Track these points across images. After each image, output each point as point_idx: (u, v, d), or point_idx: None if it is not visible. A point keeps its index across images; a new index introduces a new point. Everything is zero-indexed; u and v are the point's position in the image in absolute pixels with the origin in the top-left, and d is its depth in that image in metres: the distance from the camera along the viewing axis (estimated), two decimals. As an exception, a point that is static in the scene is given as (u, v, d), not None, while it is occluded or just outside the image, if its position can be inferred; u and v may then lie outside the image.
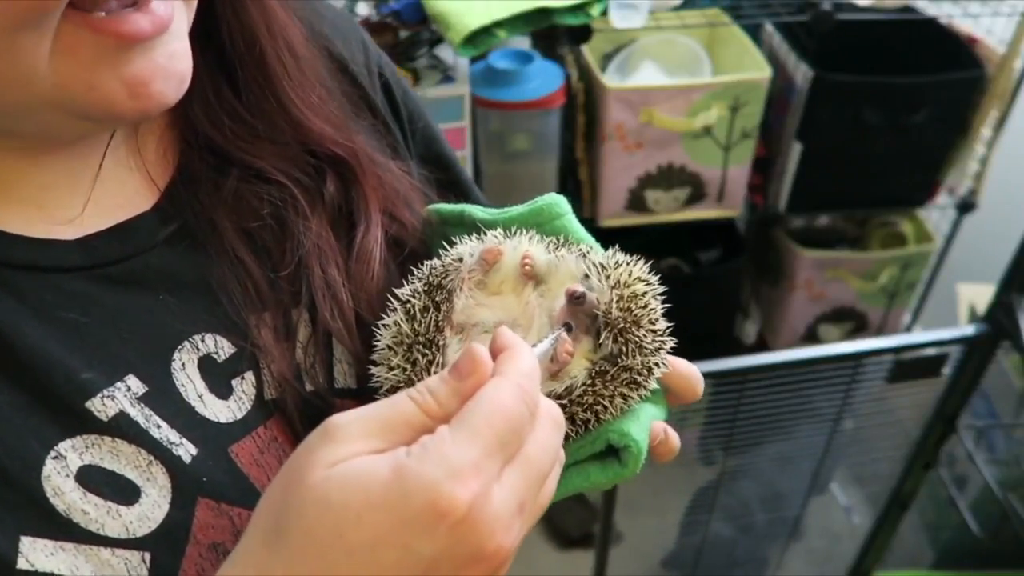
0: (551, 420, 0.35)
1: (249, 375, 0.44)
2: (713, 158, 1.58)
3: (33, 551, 0.35)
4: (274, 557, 0.31)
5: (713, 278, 1.78)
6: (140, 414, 0.39)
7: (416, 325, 0.41)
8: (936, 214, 1.81)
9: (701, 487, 1.51)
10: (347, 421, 0.32)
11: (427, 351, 0.41)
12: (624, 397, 0.41)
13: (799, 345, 1.92)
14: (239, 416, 0.43)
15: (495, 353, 0.35)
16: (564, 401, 0.40)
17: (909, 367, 1.18)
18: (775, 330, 1.94)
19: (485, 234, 0.44)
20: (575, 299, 0.41)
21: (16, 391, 0.37)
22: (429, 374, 0.40)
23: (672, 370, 0.44)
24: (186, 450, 0.40)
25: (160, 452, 0.40)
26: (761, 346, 1.99)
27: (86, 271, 0.40)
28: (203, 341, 0.43)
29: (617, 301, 0.40)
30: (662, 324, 0.42)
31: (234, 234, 0.45)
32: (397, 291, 0.43)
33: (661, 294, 0.43)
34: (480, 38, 1.34)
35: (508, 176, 1.59)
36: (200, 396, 0.42)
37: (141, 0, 0.35)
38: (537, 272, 0.42)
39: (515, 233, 0.44)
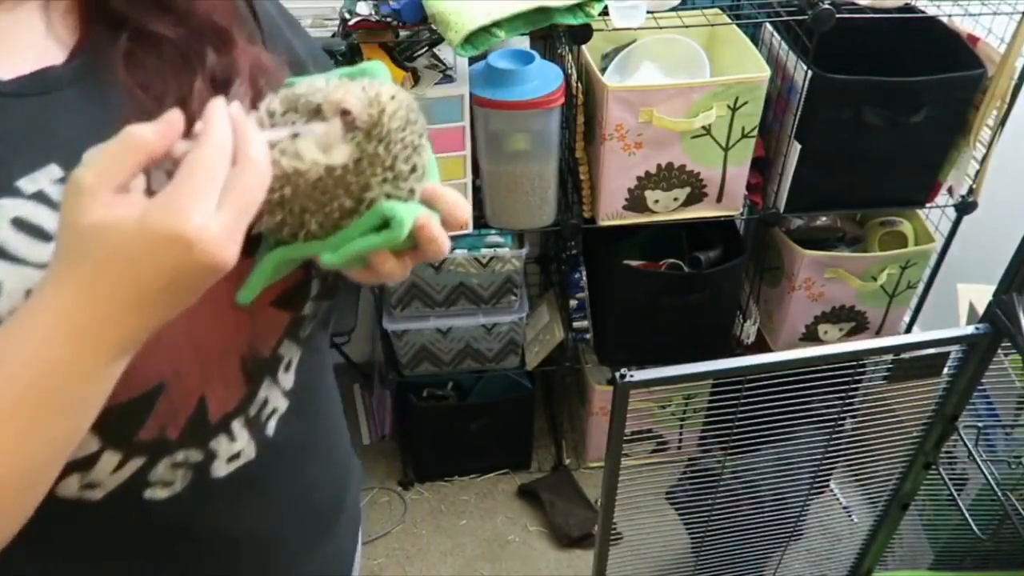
0: (254, 168, 0.47)
1: None
2: (713, 158, 1.58)
3: None
4: (69, 278, 0.44)
5: (713, 278, 1.78)
6: (56, 191, 0.52)
7: (274, 120, 0.53)
8: (936, 214, 1.81)
9: (688, 484, 1.51)
10: (83, 172, 0.44)
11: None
12: (384, 182, 0.53)
13: (799, 345, 1.92)
14: None
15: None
16: (339, 172, 0.52)
17: (909, 367, 1.17)
18: (775, 330, 1.94)
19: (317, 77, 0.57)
20: (343, 112, 0.53)
21: None
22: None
23: (436, 192, 0.56)
24: None
25: None
26: (761, 346, 1.99)
27: (19, 97, 0.52)
28: None
29: (365, 108, 0.53)
30: (402, 123, 0.54)
31: (131, 81, 0.56)
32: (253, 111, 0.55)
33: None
34: (479, 38, 1.34)
35: (508, 176, 1.59)
36: None
37: None
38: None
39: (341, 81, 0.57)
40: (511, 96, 1.46)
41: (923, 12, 1.59)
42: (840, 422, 1.25)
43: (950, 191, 1.73)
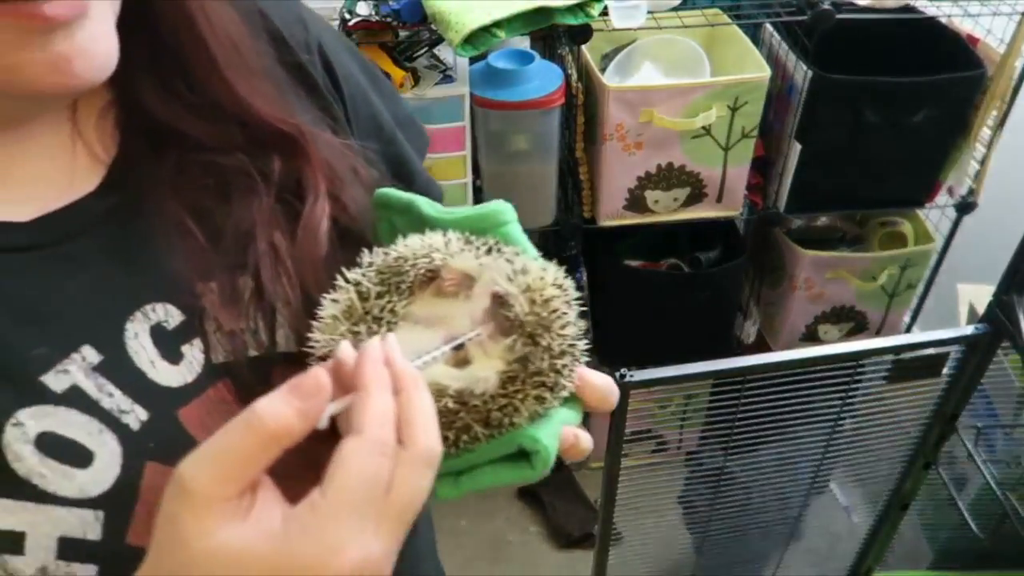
0: (422, 461, 0.36)
1: (197, 341, 0.46)
2: (713, 158, 1.58)
3: None
4: None
5: (713, 278, 1.78)
6: (93, 385, 0.42)
7: (369, 305, 0.43)
8: (936, 214, 1.81)
9: (699, 487, 1.51)
10: (196, 473, 0.34)
11: (375, 326, 0.43)
12: (537, 399, 0.42)
13: (799, 345, 1.92)
14: (189, 380, 0.45)
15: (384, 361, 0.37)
16: (477, 402, 0.41)
17: (909, 367, 1.18)
18: (775, 330, 1.94)
19: (429, 234, 0.45)
20: (496, 300, 0.42)
21: None
22: None
23: (584, 380, 0.45)
24: (136, 416, 0.43)
25: (110, 421, 0.42)
26: (761, 346, 1.99)
27: (37, 251, 0.42)
28: (153, 310, 0.45)
29: (529, 304, 0.41)
30: (572, 330, 0.43)
31: (178, 206, 0.46)
32: (346, 272, 0.45)
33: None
34: (480, 38, 1.34)
35: (508, 176, 1.58)
36: (152, 362, 0.44)
37: None
38: (464, 280, 0.44)
39: (458, 239, 0.45)
40: (511, 96, 1.45)
41: (923, 12, 1.59)
42: (840, 422, 1.25)
43: (950, 191, 1.73)
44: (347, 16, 1.50)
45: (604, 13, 1.42)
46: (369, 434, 0.35)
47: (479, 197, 1.65)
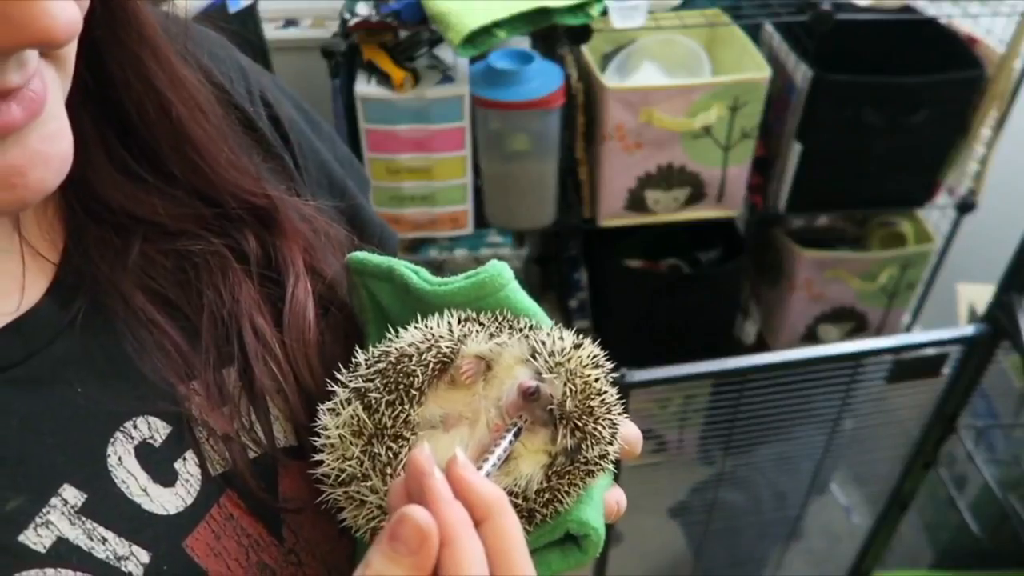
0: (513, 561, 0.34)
1: (190, 454, 0.41)
2: (713, 158, 1.58)
3: None
4: None
5: (713, 278, 1.78)
6: (82, 532, 0.36)
7: (380, 418, 0.38)
8: (936, 214, 1.81)
9: (700, 487, 1.52)
10: None
11: (392, 444, 0.38)
12: (581, 485, 0.39)
13: (799, 345, 1.92)
14: (188, 502, 0.40)
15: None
16: (519, 501, 0.37)
17: (909, 367, 1.18)
18: (775, 330, 1.94)
19: (425, 320, 0.40)
20: (529, 395, 0.38)
21: None
22: (391, 469, 0.38)
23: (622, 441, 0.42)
24: (136, 561, 0.38)
25: (108, 574, 0.37)
26: (761, 346, 1.99)
27: None
28: (135, 427, 0.39)
29: (571, 394, 0.38)
30: (617, 408, 0.41)
31: (147, 300, 0.41)
32: (345, 377, 0.40)
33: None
34: (480, 38, 1.34)
35: (508, 176, 1.59)
36: (144, 490, 0.39)
37: (9, 86, 0.30)
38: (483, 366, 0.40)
39: (459, 319, 0.41)
40: (511, 96, 1.45)
41: (923, 13, 1.59)
42: (840, 422, 1.26)
43: (950, 191, 1.73)
44: (347, 16, 1.50)
45: (604, 13, 1.42)
46: (461, 552, 0.32)
47: (479, 197, 1.66)
